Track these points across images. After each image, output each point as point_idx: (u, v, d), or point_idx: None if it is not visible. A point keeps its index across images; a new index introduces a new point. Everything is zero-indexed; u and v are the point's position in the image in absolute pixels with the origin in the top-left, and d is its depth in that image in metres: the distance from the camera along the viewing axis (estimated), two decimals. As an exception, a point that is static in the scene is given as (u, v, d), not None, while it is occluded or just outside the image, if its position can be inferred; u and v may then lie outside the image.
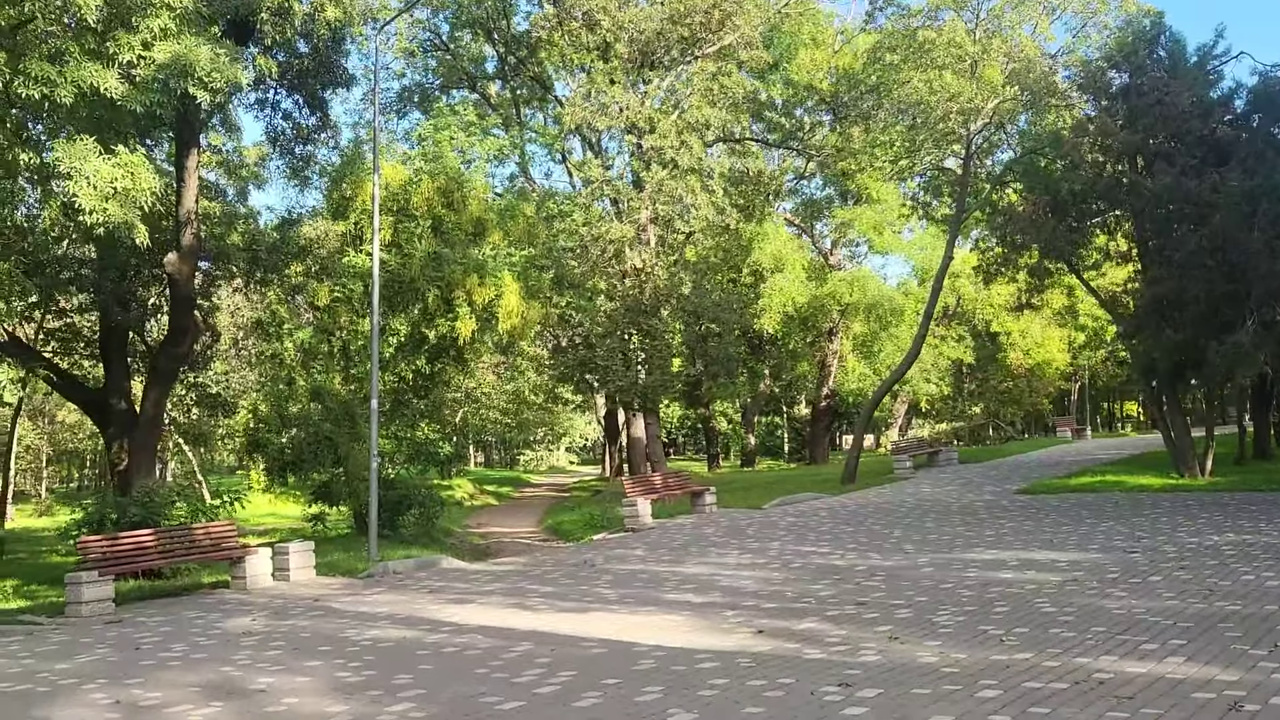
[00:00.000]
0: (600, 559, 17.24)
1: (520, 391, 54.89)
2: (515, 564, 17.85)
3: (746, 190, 35.13)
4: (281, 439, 20.83)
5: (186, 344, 18.87)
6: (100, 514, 17.98)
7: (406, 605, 13.19)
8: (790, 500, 25.74)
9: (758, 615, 11.04)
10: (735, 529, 20.56)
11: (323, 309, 21.62)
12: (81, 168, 10.72)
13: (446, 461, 25.68)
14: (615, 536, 21.58)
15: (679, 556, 16.81)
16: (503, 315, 21.80)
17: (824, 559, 15.36)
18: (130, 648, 10.96)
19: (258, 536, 29.16)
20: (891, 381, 30.87)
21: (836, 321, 41.81)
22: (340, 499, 21.50)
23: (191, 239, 17.34)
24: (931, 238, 42.78)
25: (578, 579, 14.93)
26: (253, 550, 15.64)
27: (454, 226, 21.87)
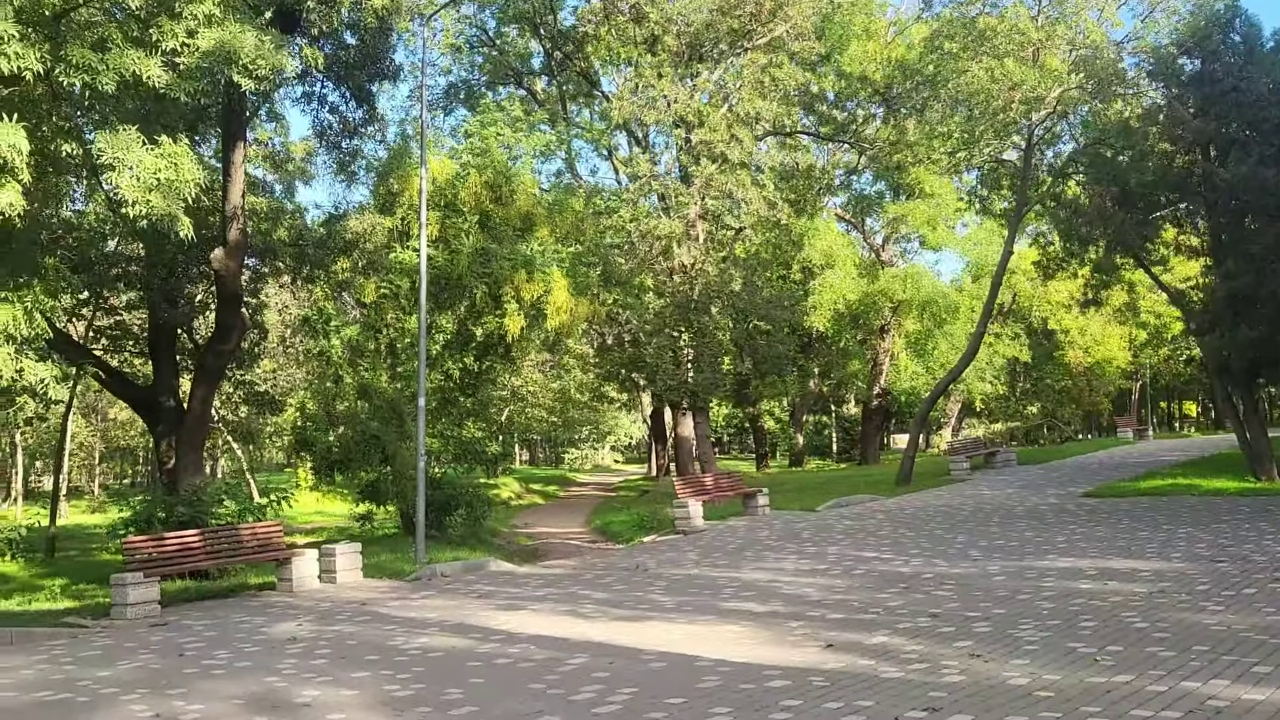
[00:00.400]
0: (653, 563, 16.73)
1: (566, 390, 54.54)
2: (565, 567, 17.39)
3: (797, 185, 34.39)
4: (329, 437, 20.57)
5: (233, 341, 18.63)
6: (147, 513, 17.81)
7: (455, 611, 12.76)
8: (845, 502, 25.05)
9: (824, 627, 10.45)
10: (790, 532, 19.95)
11: (369, 306, 21.33)
12: (124, 158, 10.40)
13: (493, 460, 25.29)
14: (666, 539, 21.05)
15: (735, 561, 16.25)
16: (551, 311, 21.36)
17: (887, 565, 14.71)
18: (174, 654, 10.63)
19: (305, 535, 29.04)
20: (949, 380, 30.01)
21: (888, 319, 40.92)
22: (387, 498, 21.20)
23: (238, 234, 17.09)
24: (987, 233, 41.73)
25: (631, 584, 14.42)
26: (299, 552, 15.33)
27: (501, 222, 21.49)
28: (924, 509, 22.61)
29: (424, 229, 17.48)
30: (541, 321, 21.85)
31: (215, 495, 18.26)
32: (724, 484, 23.72)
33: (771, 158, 31.03)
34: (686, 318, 26.35)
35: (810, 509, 24.35)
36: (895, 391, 41.69)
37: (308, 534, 29.34)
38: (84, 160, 10.75)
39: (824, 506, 24.41)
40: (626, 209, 35.45)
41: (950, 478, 29.88)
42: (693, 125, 30.81)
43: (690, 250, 30.30)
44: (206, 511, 17.64)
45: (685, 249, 30.15)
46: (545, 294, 21.23)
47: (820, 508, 24.28)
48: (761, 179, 29.89)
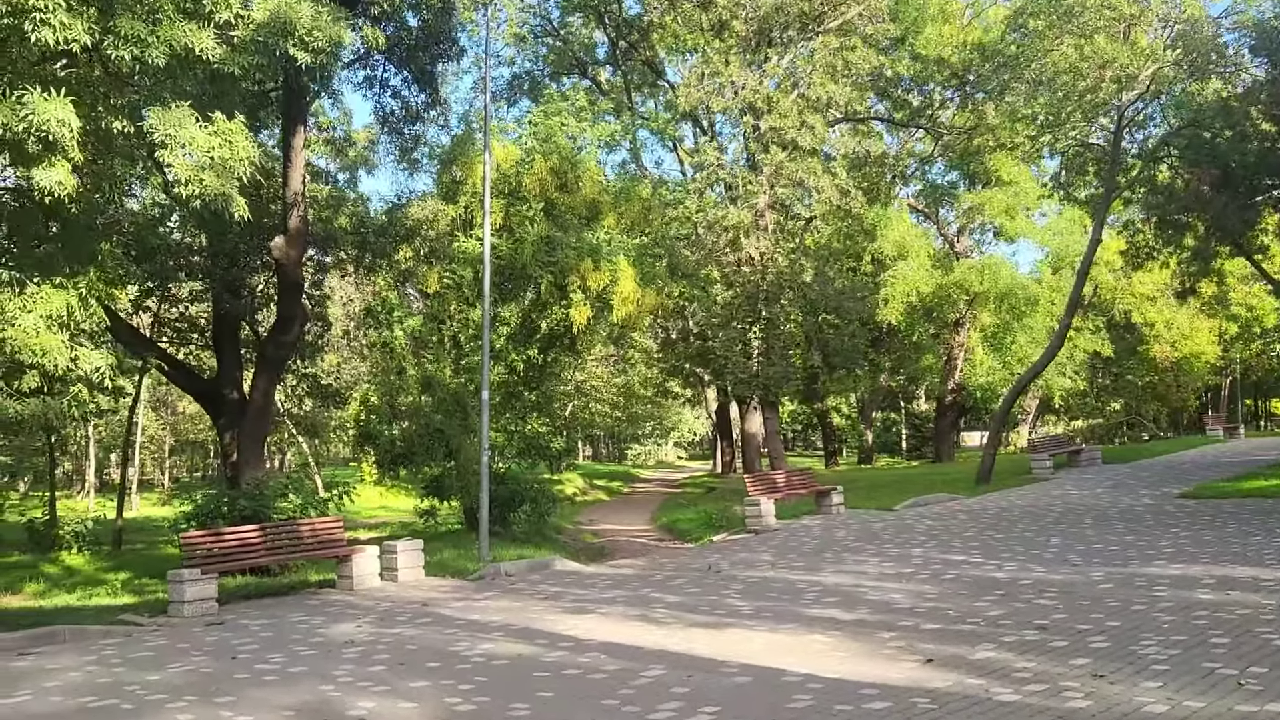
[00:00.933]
0: (725, 563, 15.93)
1: (630, 385, 53.90)
2: (634, 567, 16.67)
3: (870, 173, 33.25)
4: (393, 431, 20.12)
5: (294, 332, 18.25)
6: (209, 507, 17.48)
7: (520, 613, 12.10)
8: (923, 501, 23.97)
9: (921, 638, 9.57)
10: (868, 532, 19.01)
11: (432, 296, 20.83)
12: (176, 135, 9.91)
13: (557, 456, 24.70)
14: (738, 538, 20.24)
15: (812, 563, 15.39)
16: (618, 302, 20.64)
17: (979, 570, 13.73)
18: (227, 656, 10.11)
19: (368, 530, 28.77)
20: (1032, 375, 28.68)
21: (963, 312, 39.51)
22: (452, 493, 20.69)
23: (298, 222, 16.66)
24: (1067, 222, 40.12)
25: (704, 587, 13.64)
26: (359, 549, 14.81)
27: (566, 209, 20.83)
28: (1008, 509, 21.48)
29: (488, 216, 16.87)
30: (607, 312, 21.12)
31: (277, 489, 17.87)
32: (796, 481, 22.82)
33: (845, 143, 29.93)
34: (756, 309, 25.40)
35: (887, 508, 23.34)
36: (971, 387, 40.24)
37: (371, 529, 29.07)
38: (137, 139, 10.27)
39: (902, 506, 23.37)
40: (692, 200, 34.70)
41: (1032, 476, 28.58)
42: (762, 112, 29.91)
43: (759, 240, 29.38)
44: (268, 506, 17.27)
45: (754, 239, 29.25)
46: (611, 283, 20.51)
47: (898, 507, 23.25)
48: (833, 166, 28.82)
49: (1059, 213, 40.61)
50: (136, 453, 45.03)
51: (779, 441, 27.76)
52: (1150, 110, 26.98)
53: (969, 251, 42.42)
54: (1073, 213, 40.24)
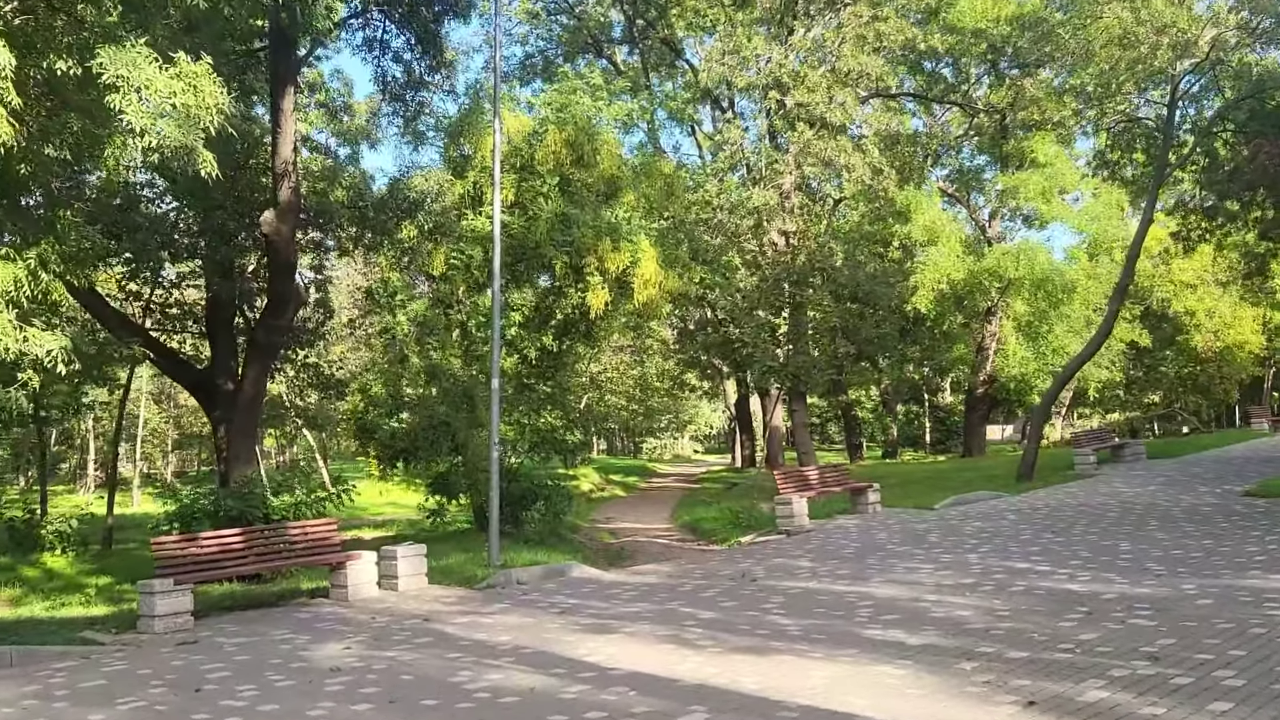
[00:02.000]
0: (760, 571, 14.41)
1: (646, 376, 52.34)
2: (658, 573, 15.13)
3: (902, 151, 31.56)
4: (395, 424, 18.64)
5: (288, 316, 16.79)
6: (194, 507, 16.04)
7: (534, 632, 10.60)
8: (965, 499, 22.37)
9: (1009, 669, 8.02)
10: (912, 534, 17.45)
11: (438, 279, 19.33)
12: (130, 77, 8.42)
13: (572, 451, 23.20)
14: (768, 540, 18.70)
15: (858, 571, 13.83)
16: (638, 285, 19.08)
17: (1050, 581, 12.15)
18: (190, 688, 8.63)
19: (373, 529, 27.33)
20: (1079, 363, 26.99)
21: (995, 300, 37.76)
22: (459, 491, 19.22)
23: (289, 194, 15.17)
24: (1104, 206, 38.31)
25: (740, 599, 12.11)
26: (354, 555, 13.33)
27: (583, 186, 19.28)
28: (1059, 509, 19.87)
29: (497, 188, 15.35)
30: (627, 297, 19.58)
31: (270, 487, 16.43)
32: (829, 478, 21.26)
33: (878, 119, 28.25)
34: (785, 292, 23.75)
35: (926, 507, 21.75)
36: (1002, 379, 38.52)
37: (377, 527, 27.65)
38: (84, 83, 8.80)
39: (942, 504, 21.78)
40: (712, 183, 33.12)
41: (1076, 472, 26.93)
42: (788, 87, 28.28)
43: (785, 222, 27.77)
44: (258, 506, 15.83)
45: (779, 221, 27.64)
46: (632, 265, 18.96)
47: (938, 506, 21.66)
48: (865, 144, 27.16)
49: (1095, 196, 38.78)
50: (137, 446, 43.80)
51: (808, 435, 26.15)
52: (1205, 81, 25.24)
53: (1001, 237, 40.68)
54: (1110, 196, 38.50)
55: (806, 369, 24.11)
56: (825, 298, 23.27)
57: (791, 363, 22.95)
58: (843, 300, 24.71)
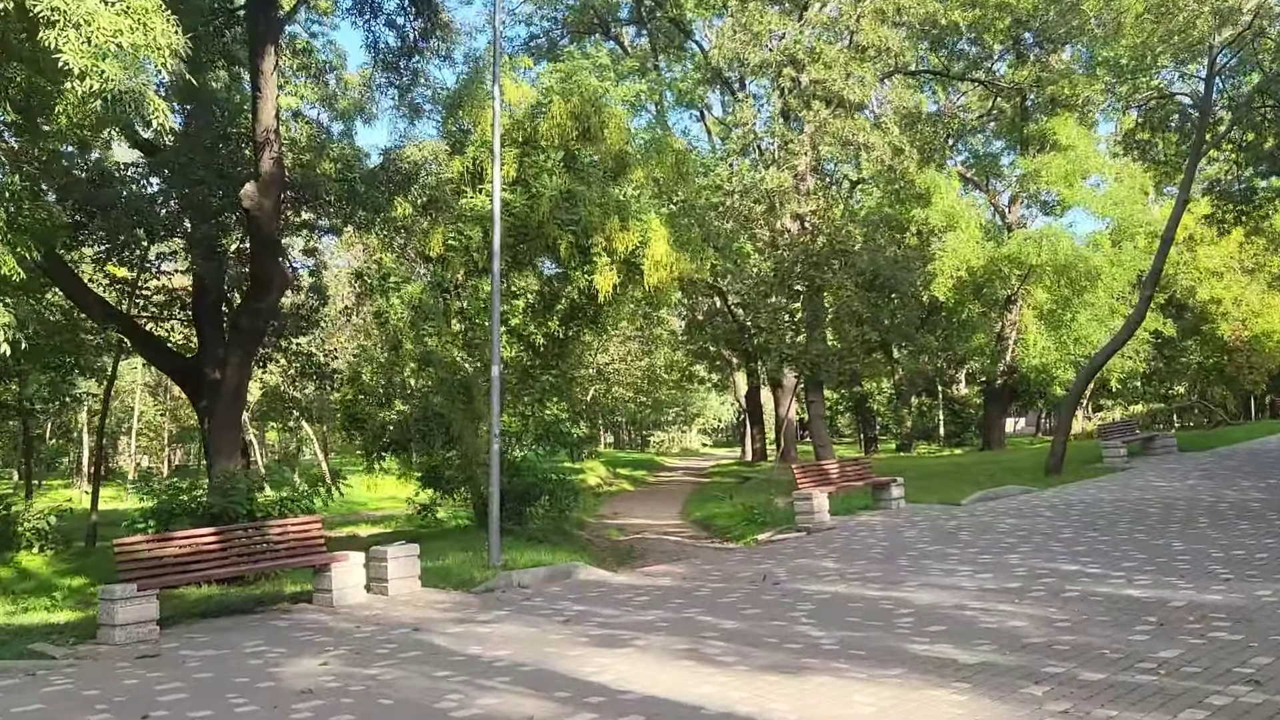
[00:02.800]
0: (783, 573, 13.26)
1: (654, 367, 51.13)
2: (672, 575, 13.98)
3: (923, 131, 30.28)
4: (387, 414, 17.50)
5: (271, 297, 15.63)
6: (172, 503, 14.94)
7: (535, 645, 9.46)
8: (993, 494, 21.18)
9: (1088, 695, 6.87)
10: (942, 532, 16.29)
11: (435, 261, 18.17)
12: (69, 10, 7.29)
13: (578, 444, 22.05)
14: (787, 538, 17.55)
15: (889, 573, 12.67)
16: (649, 266, 17.89)
17: (1106, 586, 10.98)
18: (136, 714, 7.50)
19: (370, 525, 26.23)
20: (1109, 353, 25.69)
21: (1015, 288, 36.48)
22: (454, 486, 18.08)
23: (271, 165, 13.99)
24: (1127, 190, 36.98)
25: (764, 606, 10.96)
26: (340, 557, 12.19)
27: (590, 162, 18.10)
28: (1095, 504, 18.69)
29: (497, 156, 14.18)
30: (635, 280, 18.40)
31: (253, 482, 15.32)
32: (850, 472, 20.09)
33: (900, 96, 26.95)
34: (807, 275, 22.50)
35: (952, 502, 20.58)
36: (1023, 369, 37.24)
37: (374, 523, 26.57)
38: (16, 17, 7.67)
39: (969, 500, 20.60)
40: (723, 167, 31.95)
41: (1105, 466, 25.76)
42: (803, 64, 27.05)
43: (800, 205, 26.54)
44: (240, 502, 14.70)
45: (794, 204, 26.41)
46: (641, 245, 17.79)
47: (965, 501, 20.48)
48: (885, 122, 25.90)
49: (1117, 180, 37.44)
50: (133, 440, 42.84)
51: (824, 428, 24.92)
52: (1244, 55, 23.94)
53: (1020, 223, 39.39)
54: (1134, 180, 37.22)
55: (826, 358, 22.82)
56: (847, 282, 22.02)
57: (810, 351, 21.69)
58: (863, 285, 23.48)
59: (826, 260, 22.21)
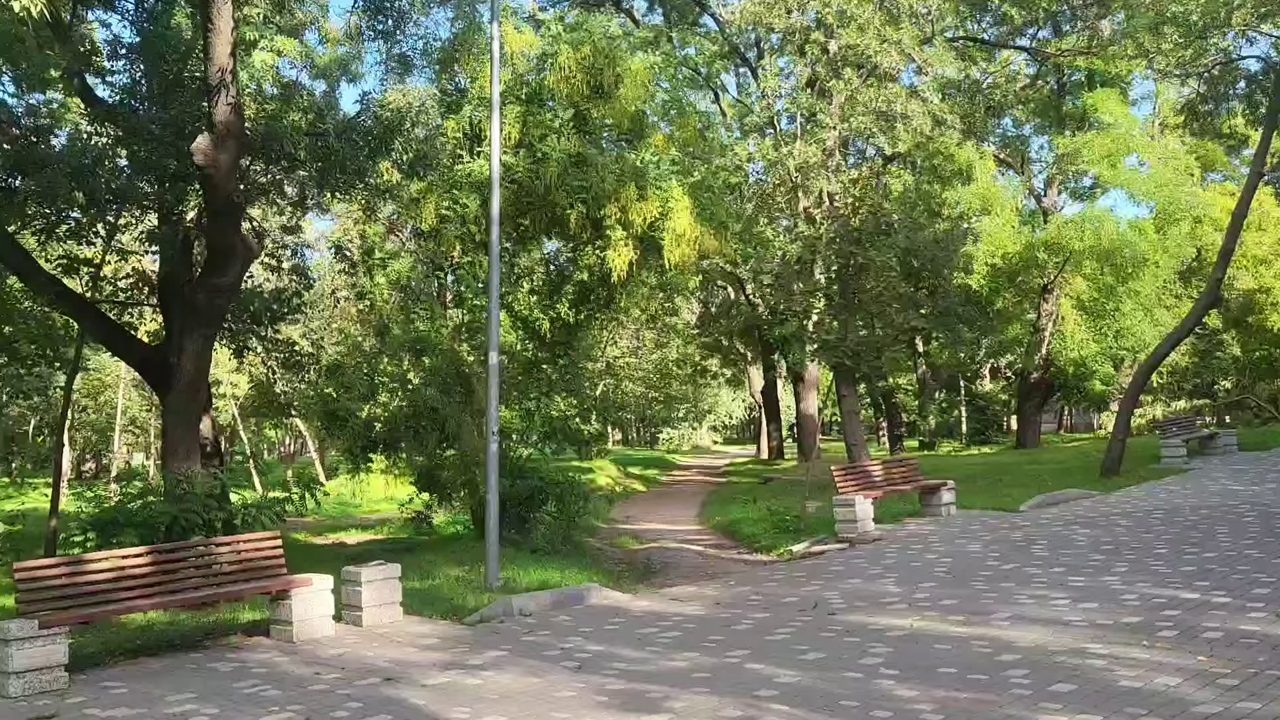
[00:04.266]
0: (835, 597, 11.08)
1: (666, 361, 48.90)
2: (702, 600, 11.78)
3: (961, 102, 28.00)
4: (372, 409, 15.33)
5: (232, 271, 13.46)
6: (118, 511, 12.80)
7: (539, 704, 7.31)
8: (1054, 499, 18.96)
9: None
10: (1010, 545, 14.08)
11: (428, 234, 16.00)
12: None
13: (587, 442, 19.90)
14: (828, 549, 15.39)
15: (968, 600, 10.47)
16: (669, 241, 15.68)
17: (1247, 621, 8.79)
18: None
19: (361, 531, 24.07)
20: (1176, 341, 23.43)
21: (1052, 276, 34.15)
22: (451, 490, 15.95)
23: (228, 113, 11.83)
24: (1172, 171, 34.57)
25: (826, 646, 8.79)
26: (302, 581, 10.02)
27: (603, 124, 15.91)
28: (1175, 511, 16.46)
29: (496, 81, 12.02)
30: (655, 256, 16.21)
31: (215, 486, 13.20)
32: (895, 474, 17.88)
33: (940, 58, 24.62)
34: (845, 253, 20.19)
35: (1007, 508, 18.37)
36: (1060, 362, 34.94)
37: (366, 529, 24.42)
38: None
39: (1028, 505, 18.38)
40: (742, 146, 29.77)
41: (1164, 466, 23.54)
42: (833, 29, 24.81)
43: (830, 182, 24.30)
44: (197, 511, 12.57)
45: (824, 181, 24.17)
46: (662, 217, 15.62)
47: (1023, 506, 18.26)
48: (924, 89, 23.62)
49: (1162, 162, 35.05)
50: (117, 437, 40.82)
51: (858, 424, 22.63)
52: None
53: (1056, 207, 37.05)
54: (1180, 160, 34.88)
55: (869, 346, 20.53)
56: (891, 260, 19.80)
57: (850, 339, 19.41)
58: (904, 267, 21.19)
59: (869, 236, 19.96)
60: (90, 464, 56.67)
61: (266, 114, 14.56)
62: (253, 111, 14.29)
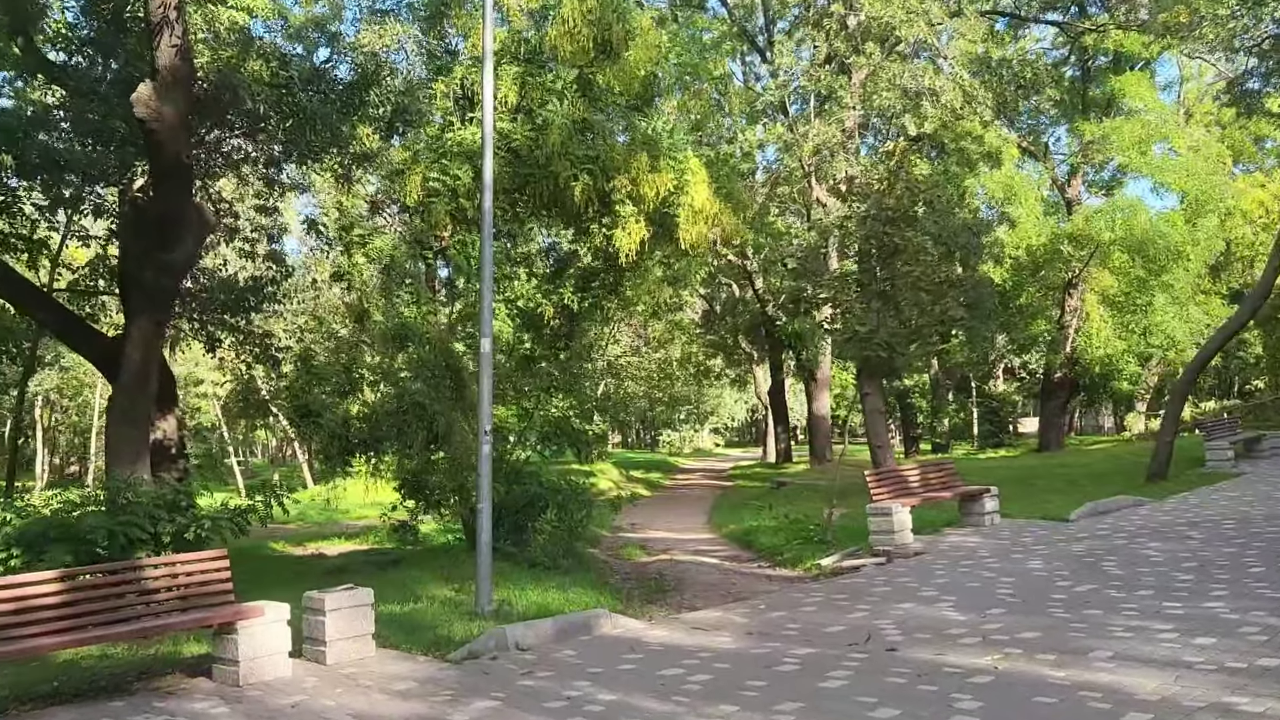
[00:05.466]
0: (890, 627, 9.35)
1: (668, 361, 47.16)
2: (731, 628, 10.01)
3: (991, 80, 26.26)
4: (350, 406, 13.58)
5: (184, 245, 11.71)
6: (51, 523, 11.05)
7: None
8: (1105, 508, 17.22)
9: None
10: (1074, 561, 12.36)
11: (414, 210, 14.27)
12: None
13: (589, 444, 18.17)
14: (865, 564, 13.64)
15: (1051, 631, 8.73)
16: (685, 219, 13.95)
17: None
18: None
19: (345, 540, 22.34)
20: (1229, 334, 21.67)
21: (1077, 271, 32.45)
22: (441, 497, 14.20)
23: (174, 58, 10.08)
24: (1203, 160, 32.86)
25: (898, 696, 7.05)
26: (250, 612, 8.26)
27: (611, 83, 14.19)
28: (1247, 521, 14.75)
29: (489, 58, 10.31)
30: (667, 236, 14.49)
31: (167, 494, 11.46)
32: (933, 479, 16.15)
33: (972, 28, 22.84)
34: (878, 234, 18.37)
35: (1053, 517, 16.65)
36: (1086, 360, 33.23)
37: (351, 537, 22.71)
38: None
39: (1078, 514, 16.64)
40: (751, 133, 28.10)
41: (1214, 470, 21.84)
42: (853, 1, 23.10)
43: (852, 165, 22.58)
44: (141, 524, 10.82)
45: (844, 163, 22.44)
46: (676, 192, 13.90)
47: (1073, 515, 16.53)
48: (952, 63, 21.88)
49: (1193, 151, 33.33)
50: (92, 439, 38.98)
51: (883, 424, 20.82)
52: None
53: (1079, 199, 35.32)
54: (1211, 148, 33.22)
55: (902, 338, 18.70)
56: (927, 243, 17.98)
57: (880, 331, 17.64)
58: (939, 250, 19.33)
59: (904, 215, 18.19)
60: (75, 466, 54.95)
61: (221, 62, 12.79)
62: (206, 59, 12.56)
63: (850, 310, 18.57)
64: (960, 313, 18.31)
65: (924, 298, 18.10)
